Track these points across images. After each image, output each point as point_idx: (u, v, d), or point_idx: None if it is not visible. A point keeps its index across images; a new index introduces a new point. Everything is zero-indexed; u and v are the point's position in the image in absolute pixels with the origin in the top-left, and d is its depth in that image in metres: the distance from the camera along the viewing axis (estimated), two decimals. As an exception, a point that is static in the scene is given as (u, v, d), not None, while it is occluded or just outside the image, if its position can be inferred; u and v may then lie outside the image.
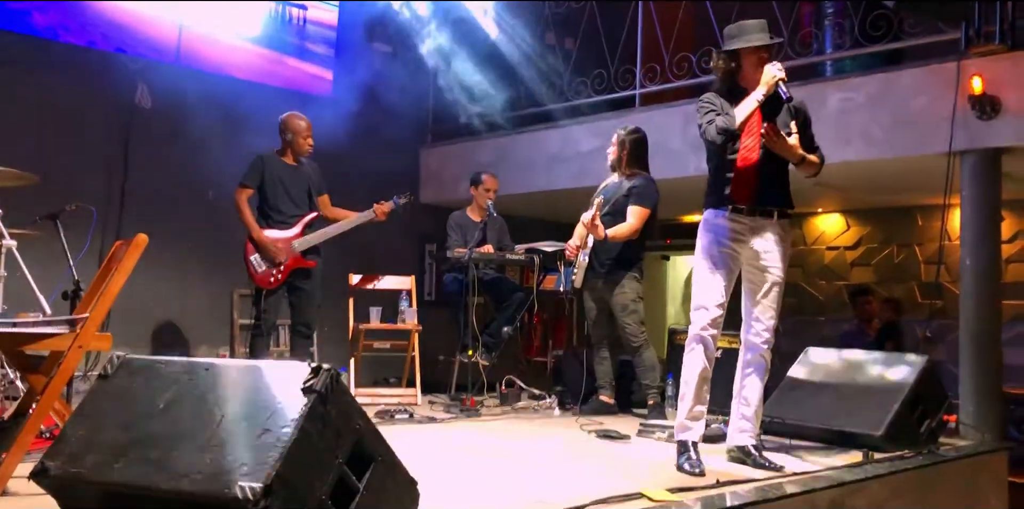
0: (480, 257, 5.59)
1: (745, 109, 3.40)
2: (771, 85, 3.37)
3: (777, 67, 3.39)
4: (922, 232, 7.16)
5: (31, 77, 5.63)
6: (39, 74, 5.67)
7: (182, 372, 2.32)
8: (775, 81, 3.36)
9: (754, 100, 3.39)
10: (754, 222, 3.50)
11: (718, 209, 3.52)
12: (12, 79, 5.55)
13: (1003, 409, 4.89)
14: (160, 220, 5.90)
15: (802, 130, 3.59)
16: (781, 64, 3.43)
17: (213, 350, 6.30)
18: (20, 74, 5.58)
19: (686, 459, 3.43)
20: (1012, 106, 4.65)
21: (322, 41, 7.11)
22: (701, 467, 3.37)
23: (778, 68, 3.38)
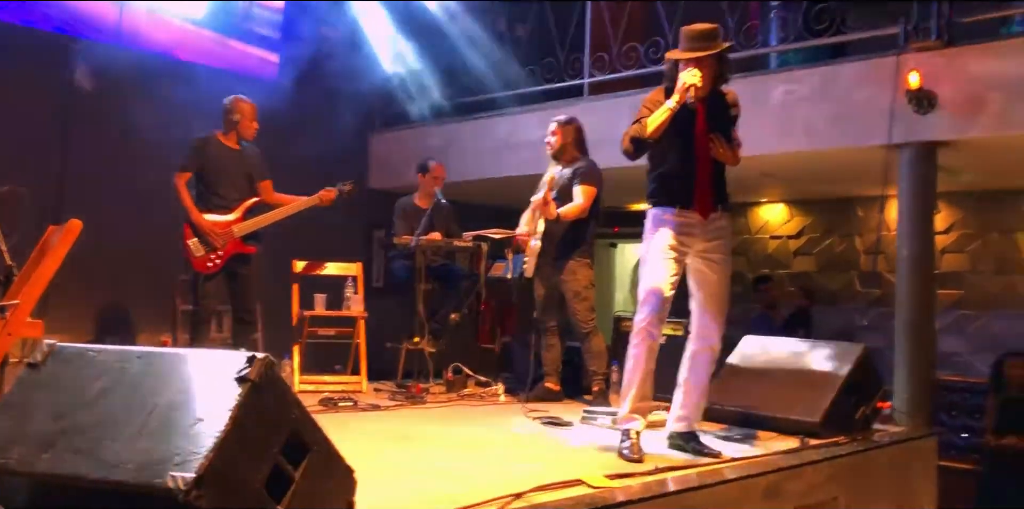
0: (427, 244, 5.58)
1: (656, 119, 3.44)
2: (682, 92, 3.40)
3: (691, 73, 3.41)
4: (862, 223, 7.31)
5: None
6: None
7: (115, 360, 2.28)
8: (685, 88, 3.39)
9: (666, 109, 3.43)
10: (701, 218, 3.57)
11: (666, 207, 3.59)
12: (-55, 58, 5.40)
13: (935, 396, 5.03)
14: (101, 203, 5.78)
15: (733, 125, 3.67)
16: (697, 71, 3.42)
17: (155, 336, 6.20)
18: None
19: (627, 446, 3.48)
20: (947, 101, 4.76)
21: (268, 24, 7.00)
22: (641, 454, 3.42)
23: (692, 74, 3.41)
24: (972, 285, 6.73)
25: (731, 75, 3.67)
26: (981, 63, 4.68)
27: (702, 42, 3.49)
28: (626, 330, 5.75)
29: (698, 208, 3.55)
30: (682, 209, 3.55)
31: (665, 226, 3.57)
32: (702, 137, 3.55)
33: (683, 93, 3.39)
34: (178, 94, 6.26)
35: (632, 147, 3.50)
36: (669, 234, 3.56)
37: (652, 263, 3.60)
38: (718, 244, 3.65)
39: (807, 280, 7.47)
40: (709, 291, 3.68)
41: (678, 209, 3.55)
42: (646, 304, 3.60)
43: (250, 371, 2.12)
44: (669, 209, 3.57)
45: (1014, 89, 4.54)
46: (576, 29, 6.65)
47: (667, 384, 5.30)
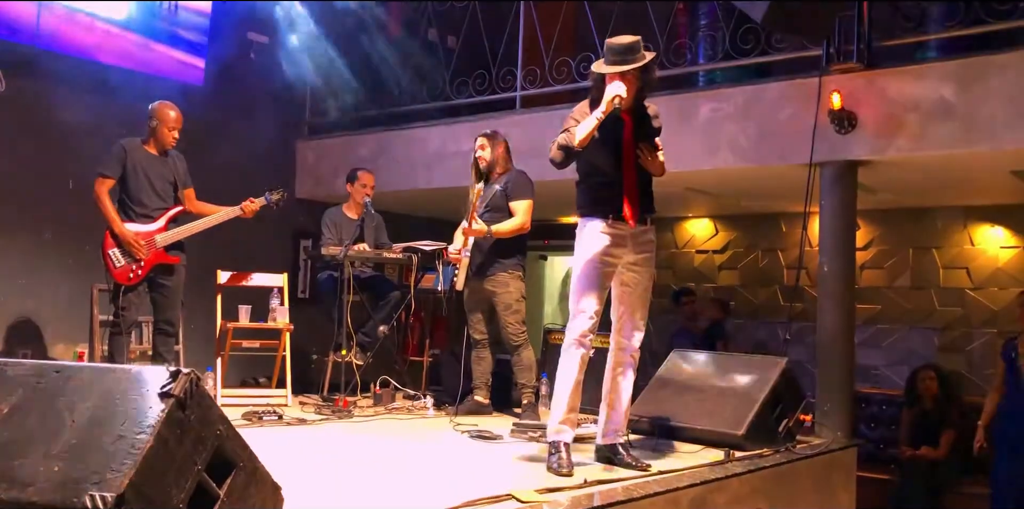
0: (356, 255, 5.52)
1: (583, 129, 3.47)
2: (609, 104, 3.44)
3: (617, 86, 3.46)
4: (786, 238, 7.49)
5: None
6: None
7: (30, 375, 2.19)
8: (611, 99, 3.43)
9: (594, 119, 3.46)
10: (631, 230, 3.61)
11: (597, 219, 3.61)
12: None
13: (854, 407, 5.16)
14: (15, 210, 5.58)
15: (656, 137, 3.73)
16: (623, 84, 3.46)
17: (71, 348, 5.98)
18: None
19: (556, 459, 3.48)
20: (867, 121, 4.91)
21: (194, 28, 6.83)
22: (570, 468, 3.42)
23: (617, 86, 3.45)
24: (889, 300, 6.95)
25: (655, 86, 3.73)
26: (899, 86, 4.84)
27: (626, 55, 3.53)
28: (555, 343, 5.80)
29: (627, 218, 3.58)
30: (613, 220, 3.58)
31: (596, 237, 3.59)
32: (629, 147, 3.61)
33: (609, 104, 3.44)
34: (98, 98, 6.10)
35: (560, 155, 3.52)
36: (600, 245, 3.58)
37: (584, 274, 3.61)
38: (647, 257, 3.70)
39: (727, 294, 7.60)
40: (633, 304, 3.73)
41: (610, 220, 3.58)
42: (578, 316, 3.62)
43: (174, 386, 2.06)
44: (599, 220, 3.60)
45: (930, 111, 4.71)
46: (509, 40, 6.68)
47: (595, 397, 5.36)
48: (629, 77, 3.51)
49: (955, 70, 4.69)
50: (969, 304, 6.64)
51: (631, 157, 3.61)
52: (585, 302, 3.61)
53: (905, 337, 6.84)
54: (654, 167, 3.65)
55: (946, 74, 4.71)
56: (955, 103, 4.65)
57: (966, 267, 6.68)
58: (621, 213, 3.58)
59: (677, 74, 5.93)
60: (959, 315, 6.67)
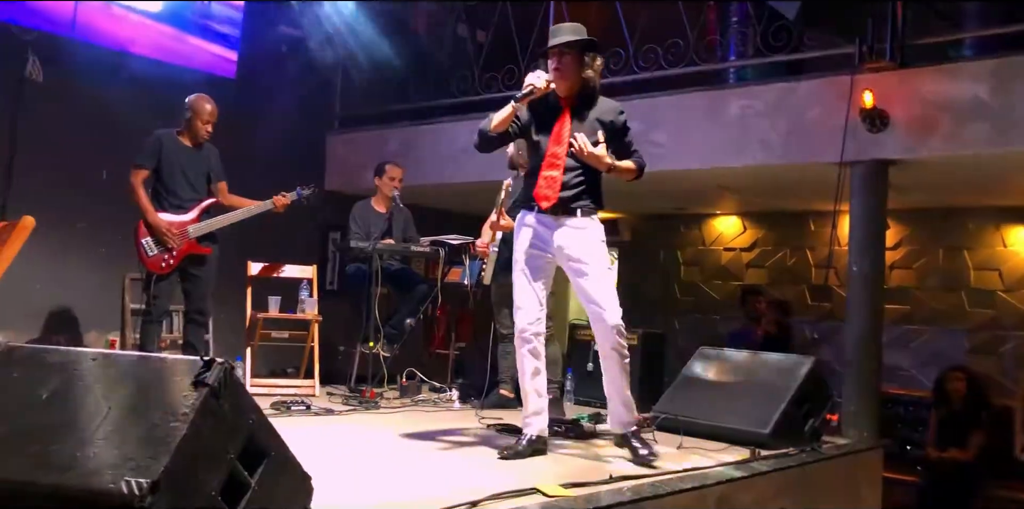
0: (384, 248, 5.55)
1: (498, 114, 3.51)
2: (523, 91, 3.45)
3: (536, 75, 3.48)
4: (814, 237, 7.44)
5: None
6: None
7: (68, 362, 2.23)
8: (525, 86, 3.45)
9: (508, 106, 3.49)
10: (557, 221, 3.58)
11: (526, 210, 3.65)
12: None
13: (881, 408, 5.13)
14: (49, 199, 5.64)
15: (617, 138, 3.64)
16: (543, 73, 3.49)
17: (103, 336, 6.08)
18: (-101, 40, 5.25)
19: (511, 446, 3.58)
20: (899, 121, 4.86)
21: (228, 22, 6.90)
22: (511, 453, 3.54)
23: (536, 76, 3.47)
24: (918, 301, 6.89)
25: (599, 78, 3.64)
26: (933, 85, 4.79)
27: (562, 35, 3.52)
28: (582, 338, 5.83)
29: (549, 210, 3.56)
30: (538, 212, 3.59)
31: (523, 228, 3.64)
32: (558, 137, 3.54)
33: (523, 92, 3.45)
34: (132, 89, 6.16)
35: (477, 139, 3.58)
36: (526, 237, 3.61)
37: (516, 268, 3.66)
38: (584, 252, 3.59)
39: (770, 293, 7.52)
40: (588, 298, 3.65)
41: (535, 212, 3.60)
42: (517, 311, 3.67)
43: (208, 375, 2.09)
44: (527, 211, 3.64)
45: (964, 111, 4.66)
46: (538, 36, 6.67)
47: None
48: (566, 61, 3.49)
49: (990, 69, 4.64)
50: (1001, 306, 6.57)
51: (563, 148, 3.54)
52: (520, 296, 3.65)
53: (934, 338, 6.78)
54: (595, 162, 3.50)
55: (981, 73, 4.66)
56: (990, 103, 4.60)
57: (998, 269, 6.61)
58: (546, 206, 3.56)
59: (707, 71, 5.90)
60: (990, 317, 6.60)
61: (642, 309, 8.20)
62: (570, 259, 3.60)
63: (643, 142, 5.74)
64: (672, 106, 5.75)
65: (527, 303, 3.63)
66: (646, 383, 5.45)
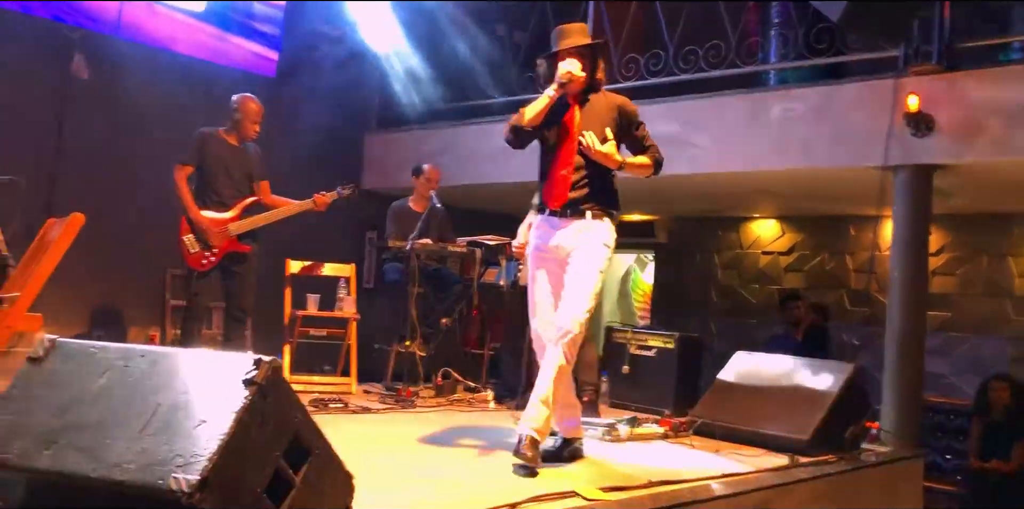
0: (421, 248, 5.57)
1: (533, 107, 3.41)
2: (563, 77, 3.35)
3: (569, 62, 3.38)
4: (854, 241, 7.35)
5: (-38, 42, 5.41)
6: (-29, 39, 5.45)
7: (117, 358, 2.26)
8: (563, 74, 3.34)
9: (545, 97, 3.39)
10: (564, 221, 3.46)
11: (538, 212, 3.58)
12: (-58, 43, 5.34)
13: (921, 416, 5.06)
14: (92, 195, 5.73)
15: (627, 132, 3.56)
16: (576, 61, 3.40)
17: (144, 331, 6.16)
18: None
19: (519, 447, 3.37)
20: (945, 125, 4.79)
21: (269, 21, 6.97)
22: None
23: (570, 63, 3.38)
24: (960, 308, 6.78)
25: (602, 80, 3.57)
26: (981, 89, 4.71)
27: (576, 36, 3.49)
28: (617, 341, 5.80)
29: (559, 211, 3.45)
30: (549, 214, 3.49)
31: (535, 230, 3.57)
32: (567, 134, 3.46)
33: (563, 77, 3.34)
34: (174, 87, 6.25)
35: (511, 135, 3.46)
36: (534, 240, 3.55)
37: (528, 271, 3.60)
38: (578, 253, 3.44)
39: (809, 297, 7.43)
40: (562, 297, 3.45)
41: (546, 213, 3.51)
42: (532, 317, 3.60)
43: (257, 374, 2.11)
44: (539, 213, 3.57)
45: (1012, 115, 4.58)
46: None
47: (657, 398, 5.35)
48: (587, 62, 3.43)
49: (1041, 73, 4.56)
50: (1046, 314, 6.46)
51: (572, 146, 3.45)
52: (532, 301, 3.58)
53: (976, 346, 6.67)
54: (604, 160, 3.39)
55: (1032, 77, 4.58)
56: (1041, 107, 4.52)
57: (1043, 275, 6.51)
58: (555, 208, 3.46)
59: (748, 73, 5.86)
60: (1034, 325, 6.50)
61: (678, 312, 8.17)
62: (563, 258, 3.49)
63: (683, 144, 5.76)
64: (712, 108, 5.71)
65: (539, 309, 3.54)
66: (682, 387, 5.41)
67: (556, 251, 3.48)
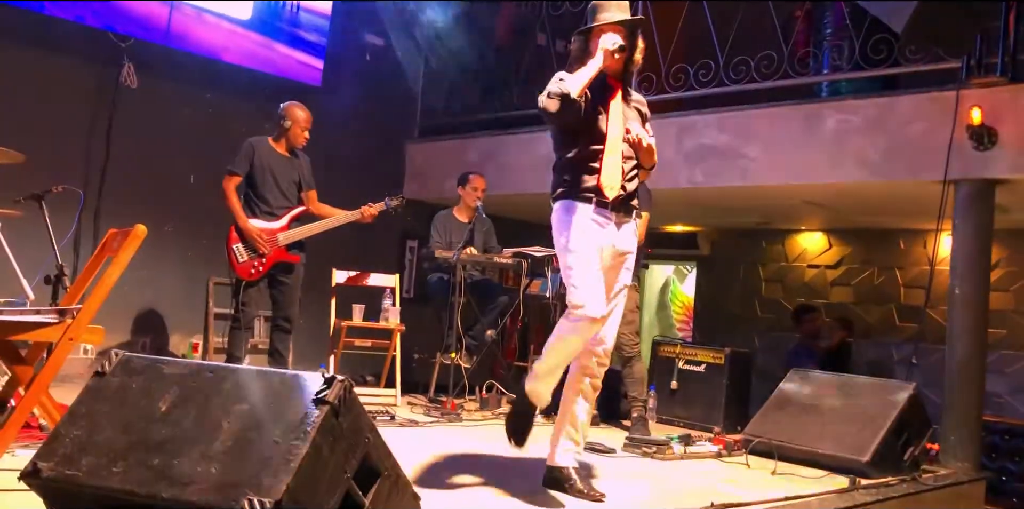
0: (467, 259, 5.52)
1: (579, 77, 3.06)
2: (609, 51, 3.08)
3: (611, 38, 3.11)
4: (904, 256, 7.20)
5: (15, 50, 5.43)
6: (24, 47, 5.47)
7: (185, 374, 2.23)
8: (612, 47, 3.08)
9: (593, 67, 3.07)
10: (617, 218, 3.18)
11: (579, 201, 3.12)
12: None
13: (981, 437, 4.92)
14: (139, 203, 5.75)
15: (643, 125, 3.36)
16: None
17: (186, 338, 6.16)
18: (3, 46, 5.38)
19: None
20: (1009, 138, 4.66)
21: (314, 30, 6.97)
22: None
23: (613, 38, 3.11)
24: (1016, 325, 6.62)
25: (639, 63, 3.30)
26: (1047, 101, 4.59)
27: (616, 11, 3.19)
28: (665, 355, 5.72)
29: (611, 205, 3.13)
30: (599, 207, 3.12)
31: (584, 223, 3.10)
32: (617, 119, 3.18)
33: (609, 51, 3.07)
34: (221, 96, 6.28)
35: (555, 104, 3.00)
36: (595, 233, 3.10)
37: (581, 272, 3.05)
38: (633, 250, 3.24)
39: (843, 311, 7.33)
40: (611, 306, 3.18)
41: (595, 206, 3.11)
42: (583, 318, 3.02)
43: (329, 393, 2.07)
44: (581, 202, 3.11)
45: (1080, 130, 4.45)
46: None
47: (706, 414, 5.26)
48: (632, 40, 3.18)
49: (1110, 86, 4.43)
50: (1103, 332, 6.28)
51: (618, 132, 3.17)
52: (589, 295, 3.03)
53: (1031, 364, 6.51)
54: (647, 156, 3.20)
55: (1100, 90, 4.44)
56: (1109, 121, 4.38)
57: (1101, 293, 6.33)
58: (608, 199, 3.12)
59: (800, 84, 5.76)
60: (1092, 343, 6.32)
61: (721, 325, 8.06)
62: (616, 267, 3.20)
63: (734, 155, 5.68)
64: (764, 119, 5.61)
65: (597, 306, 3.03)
66: (732, 403, 5.32)
67: (611, 250, 3.16)
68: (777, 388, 4.69)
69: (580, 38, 3.24)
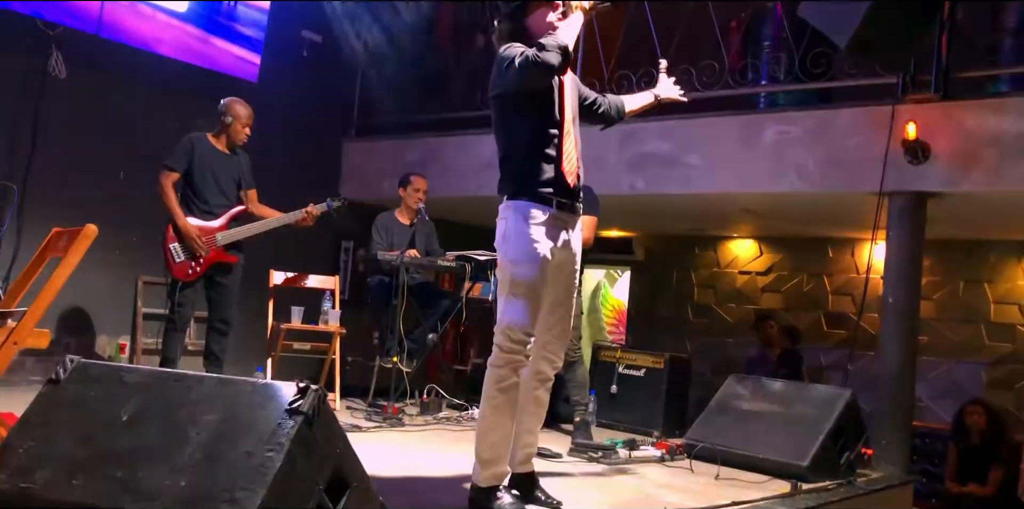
0: (411, 262, 5.46)
1: (570, 30, 2.84)
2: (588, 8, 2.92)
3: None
4: (832, 263, 7.41)
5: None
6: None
7: (147, 382, 2.14)
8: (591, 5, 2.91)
9: (578, 24, 2.89)
10: (572, 222, 3.05)
11: (537, 203, 2.93)
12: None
13: (911, 442, 5.09)
14: (65, 198, 5.52)
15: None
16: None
17: (113, 339, 5.94)
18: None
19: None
20: (941, 153, 4.83)
21: (252, 24, 6.80)
22: None
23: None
24: (937, 332, 6.87)
25: None
26: (978, 118, 4.77)
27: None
28: (605, 359, 5.76)
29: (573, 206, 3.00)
30: (558, 210, 2.95)
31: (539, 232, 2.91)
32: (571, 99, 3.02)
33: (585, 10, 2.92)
34: (155, 90, 6.08)
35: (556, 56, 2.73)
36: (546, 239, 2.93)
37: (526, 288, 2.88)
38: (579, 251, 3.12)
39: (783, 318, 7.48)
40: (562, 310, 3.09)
41: (554, 209, 2.94)
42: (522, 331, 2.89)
43: (303, 403, 2.01)
44: (542, 207, 2.93)
45: (1010, 146, 4.64)
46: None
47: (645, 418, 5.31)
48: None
49: (1036, 105, 4.62)
50: (1020, 340, 6.56)
51: (572, 113, 3.01)
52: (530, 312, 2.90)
53: (951, 370, 6.77)
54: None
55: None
56: (1036, 139, 4.58)
57: (1018, 303, 6.61)
58: (566, 200, 2.97)
59: (741, 95, 5.87)
60: (1009, 351, 6.59)
61: (655, 330, 8.16)
62: (567, 271, 3.06)
63: (675, 164, 5.75)
64: (706, 128, 5.70)
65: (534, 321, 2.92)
66: (671, 408, 5.39)
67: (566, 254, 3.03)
68: (718, 393, 4.77)
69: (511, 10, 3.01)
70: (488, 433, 2.96)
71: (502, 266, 3.00)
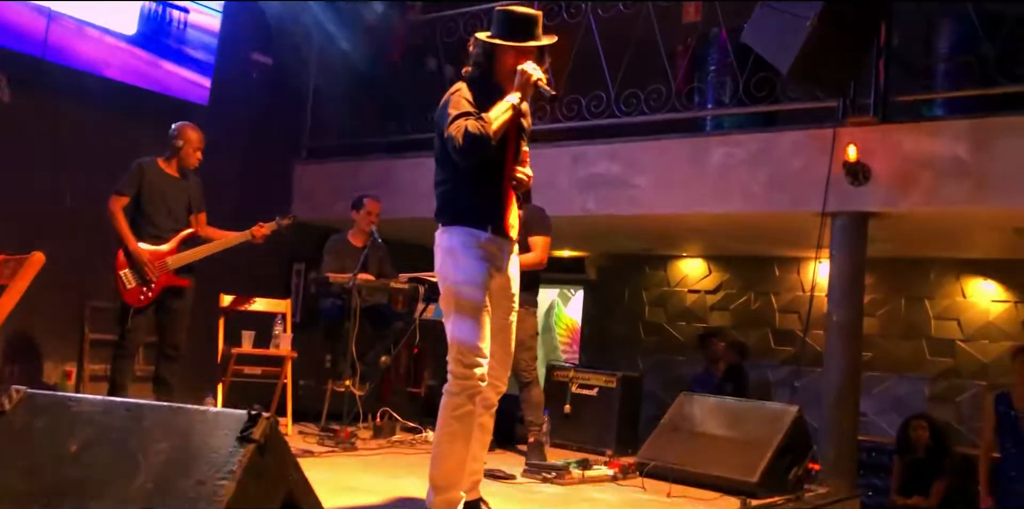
0: (363, 284, 5.46)
1: (501, 117, 2.94)
2: (530, 88, 3.02)
3: (533, 67, 3.03)
4: (779, 282, 7.56)
5: None
6: None
7: (97, 412, 2.12)
8: (533, 82, 3.01)
9: (508, 105, 2.97)
10: (507, 245, 3.14)
11: (477, 229, 3.03)
12: None
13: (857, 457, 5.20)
14: (11, 224, 5.44)
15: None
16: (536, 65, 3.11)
17: (59, 366, 5.83)
18: None
19: None
20: (881, 174, 4.98)
21: (202, 47, 6.77)
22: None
23: (534, 68, 3.03)
24: (880, 348, 7.03)
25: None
26: (914, 141, 4.93)
27: (537, 30, 3.06)
28: (559, 379, 5.80)
29: (509, 232, 3.10)
30: (494, 235, 3.05)
31: (478, 252, 3.02)
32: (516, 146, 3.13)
33: (530, 88, 3.00)
34: (103, 113, 6.02)
35: (472, 147, 2.85)
36: (484, 262, 3.03)
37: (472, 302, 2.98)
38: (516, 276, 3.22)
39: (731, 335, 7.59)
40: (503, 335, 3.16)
41: (490, 233, 3.04)
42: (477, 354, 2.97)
43: (254, 430, 2.01)
44: (480, 232, 3.03)
45: (944, 168, 4.80)
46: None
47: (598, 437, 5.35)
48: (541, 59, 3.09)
49: (969, 128, 4.79)
50: (960, 355, 6.75)
51: (514, 158, 3.11)
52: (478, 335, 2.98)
53: (894, 385, 6.93)
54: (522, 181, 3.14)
55: (960, 132, 4.80)
56: (968, 161, 4.74)
57: (957, 318, 6.81)
58: (505, 225, 3.07)
59: (688, 118, 6.00)
60: (949, 366, 6.78)
61: (608, 348, 8.23)
62: (507, 295, 3.15)
63: (624, 185, 5.84)
64: (654, 151, 5.81)
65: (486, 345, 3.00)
66: (624, 426, 5.45)
67: (505, 278, 3.13)
68: (668, 411, 4.83)
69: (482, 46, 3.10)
70: (443, 460, 3.01)
71: (444, 293, 3.07)
